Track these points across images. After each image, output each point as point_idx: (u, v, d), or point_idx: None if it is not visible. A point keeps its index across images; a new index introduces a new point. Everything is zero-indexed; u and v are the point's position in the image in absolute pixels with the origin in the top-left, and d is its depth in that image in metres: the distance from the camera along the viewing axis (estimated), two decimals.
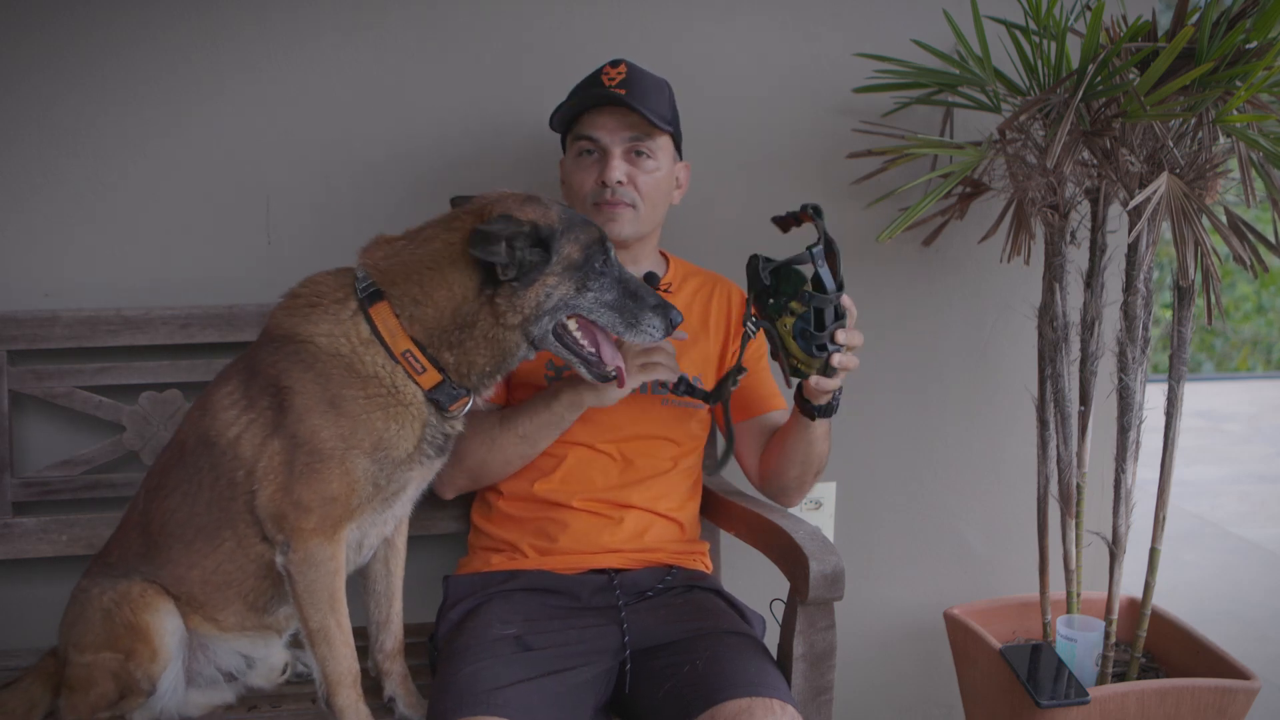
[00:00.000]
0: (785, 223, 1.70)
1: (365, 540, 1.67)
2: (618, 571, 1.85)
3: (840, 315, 1.64)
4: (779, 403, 1.99)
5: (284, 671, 1.80)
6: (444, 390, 1.58)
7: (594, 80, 1.88)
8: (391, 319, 1.56)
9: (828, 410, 1.75)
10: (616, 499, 1.87)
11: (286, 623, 1.73)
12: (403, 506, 1.69)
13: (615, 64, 1.89)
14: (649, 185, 1.88)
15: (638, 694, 1.68)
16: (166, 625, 1.61)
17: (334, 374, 1.55)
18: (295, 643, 1.78)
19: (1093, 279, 2.18)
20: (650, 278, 1.96)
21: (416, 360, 1.56)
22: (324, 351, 1.55)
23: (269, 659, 1.77)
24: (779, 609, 1.76)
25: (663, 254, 2.04)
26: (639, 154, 1.87)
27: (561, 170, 1.98)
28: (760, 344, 1.98)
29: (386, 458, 1.56)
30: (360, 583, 1.80)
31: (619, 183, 1.84)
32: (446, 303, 1.55)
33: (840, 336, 1.63)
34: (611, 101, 1.83)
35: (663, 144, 1.89)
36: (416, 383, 1.57)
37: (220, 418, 1.59)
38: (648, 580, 1.85)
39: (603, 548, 1.86)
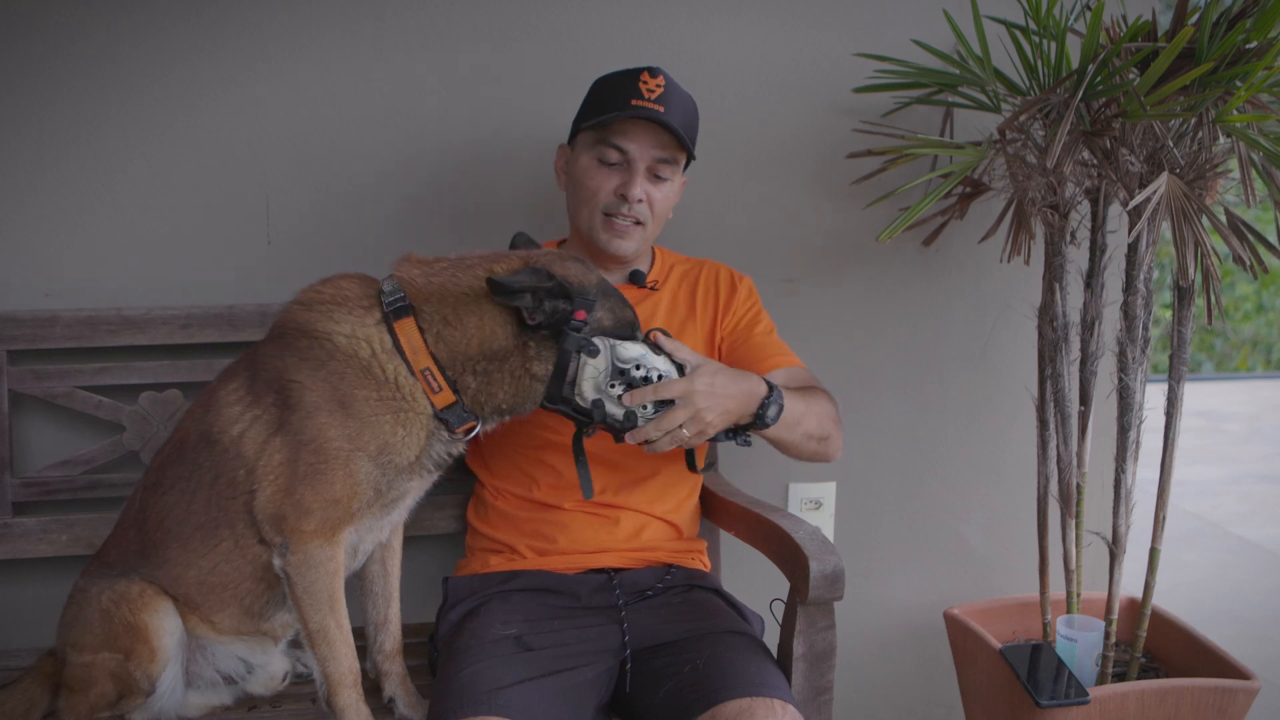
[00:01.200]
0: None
1: (361, 546, 1.66)
2: (617, 571, 1.85)
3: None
4: (780, 361, 1.91)
5: (283, 679, 1.79)
6: (454, 412, 1.58)
7: (630, 85, 1.83)
8: (416, 335, 1.55)
9: (753, 427, 1.70)
10: (610, 501, 1.87)
11: (283, 630, 1.72)
12: (399, 514, 1.69)
13: (654, 73, 1.84)
14: (661, 203, 1.88)
15: (638, 694, 1.68)
16: (166, 625, 1.60)
17: (347, 374, 1.54)
18: (295, 643, 1.77)
19: (1093, 279, 2.18)
20: (635, 276, 1.95)
21: (434, 379, 1.56)
22: (341, 351, 1.55)
23: (268, 666, 1.76)
24: (779, 609, 1.76)
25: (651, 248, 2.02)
26: (659, 176, 1.86)
27: (562, 158, 1.95)
28: (745, 310, 1.97)
29: (390, 463, 1.56)
30: (358, 584, 1.80)
31: (639, 200, 1.84)
32: (476, 331, 1.56)
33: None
34: (651, 118, 1.81)
35: (681, 163, 1.90)
36: (430, 400, 1.57)
37: (224, 414, 1.58)
38: (647, 579, 1.85)
39: (601, 546, 1.86)
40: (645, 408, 1.59)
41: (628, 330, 1.62)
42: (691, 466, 1.79)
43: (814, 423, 1.80)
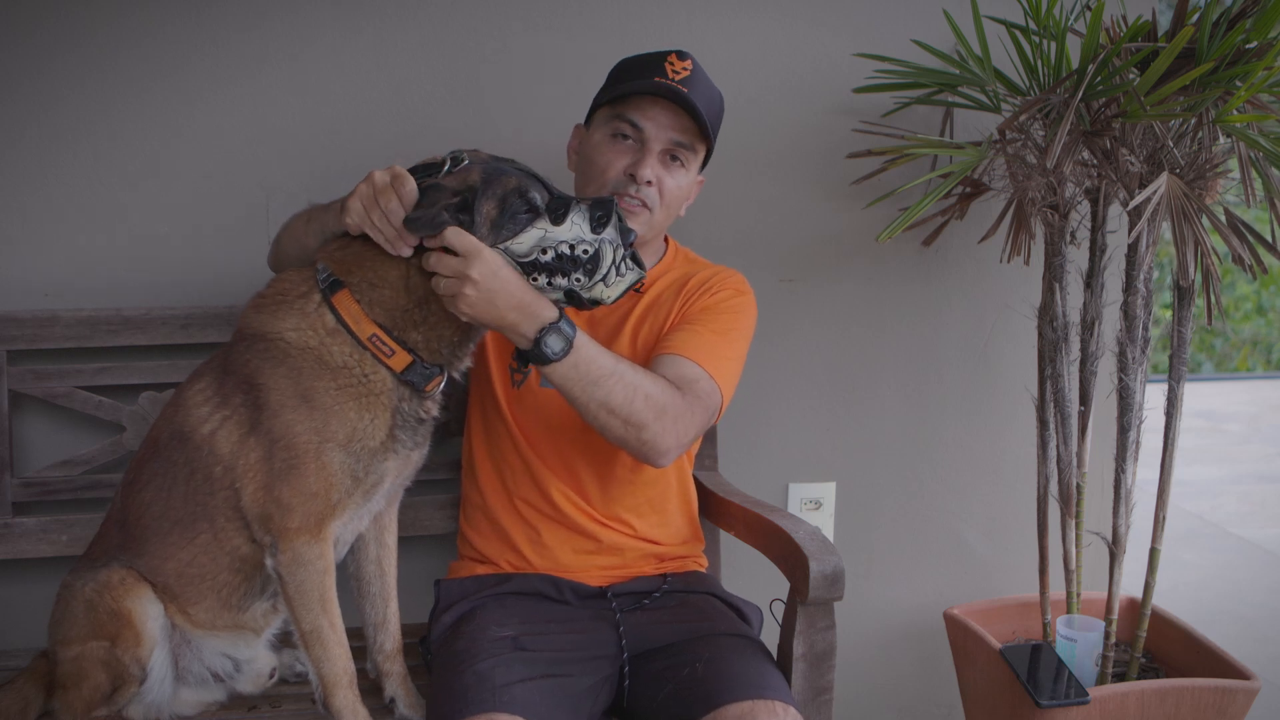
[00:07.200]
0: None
1: (340, 537, 1.66)
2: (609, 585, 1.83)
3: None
4: (681, 349, 1.73)
5: (271, 677, 1.79)
6: (416, 371, 1.59)
7: (655, 64, 1.77)
8: (353, 305, 1.57)
9: (533, 358, 1.55)
10: (596, 515, 1.84)
11: (264, 621, 1.72)
12: (378, 501, 1.69)
13: (682, 56, 1.78)
14: (672, 191, 1.80)
15: (638, 697, 1.68)
16: (149, 611, 1.61)
17: (305, 367, 1.56)
18: (287, 643, 1.77)
19: (1093, 279, 2.18)
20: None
21: (384, 344, 1.57)
22: (294, 346, 1.57)
23: (254, 663, 1.76)
24: (779, 609, 1.75)
25: (665, 239, 1.96)
26: (674, 158, 1.79)
27: (576, 138, 1.90)
28: (709, 302, 1.83)
29: (362, 448, 1.57)
30: (354, 585, 1.80)
31: (647, 182, 1.76)
32: (400, 281, 1.57)
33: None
34: (673, 98, 1.74)
35: (698, 155, 1.83)
36: (387, 366, 1.58)
37: (194, 413, 1.60)
38: (643, 587, 1.84)
39: (584, 567, 1.84)
40: (578, 280, 1.53)
41: (519, 206, 1.52)
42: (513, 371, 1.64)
43: (620, 396, 1.57)
